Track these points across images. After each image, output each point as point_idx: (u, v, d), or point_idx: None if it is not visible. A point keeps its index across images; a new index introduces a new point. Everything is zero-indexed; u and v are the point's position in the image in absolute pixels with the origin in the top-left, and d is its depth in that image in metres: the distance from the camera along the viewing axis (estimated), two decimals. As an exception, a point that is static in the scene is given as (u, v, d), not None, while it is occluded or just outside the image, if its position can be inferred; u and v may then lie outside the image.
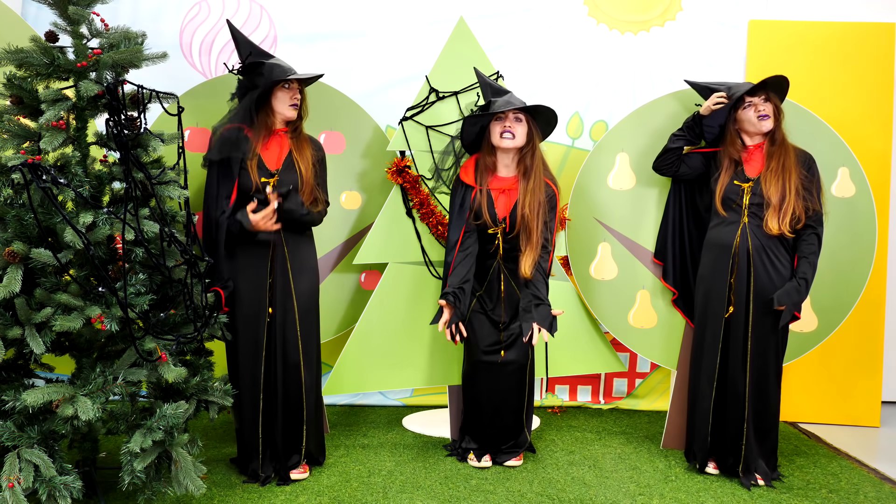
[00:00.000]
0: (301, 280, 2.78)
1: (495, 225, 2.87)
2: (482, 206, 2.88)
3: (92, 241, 2.14)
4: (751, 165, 2.86)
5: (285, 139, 2.78)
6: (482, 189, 2.89)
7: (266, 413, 2.76)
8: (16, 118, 2.24)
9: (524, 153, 2.88)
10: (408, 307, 3.24)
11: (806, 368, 3.66)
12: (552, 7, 3.84)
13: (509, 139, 2.82)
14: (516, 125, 2.83)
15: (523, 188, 2.85)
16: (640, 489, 2.71)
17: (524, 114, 2.85)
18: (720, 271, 2.87)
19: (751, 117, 2.84)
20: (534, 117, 2.89)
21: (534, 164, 2.87)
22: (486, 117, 2.89)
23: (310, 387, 2.79)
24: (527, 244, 2.84)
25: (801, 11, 3.85)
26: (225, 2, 3.81)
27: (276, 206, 2.65)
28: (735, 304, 2.83)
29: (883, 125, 3.68)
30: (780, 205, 2.77)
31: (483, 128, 2.93)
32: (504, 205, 2.88)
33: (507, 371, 2.88)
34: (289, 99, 2.72)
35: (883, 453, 3.27)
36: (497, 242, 2.90)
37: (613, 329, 3.30)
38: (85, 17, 2.26)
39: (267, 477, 2.72)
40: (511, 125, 2.82)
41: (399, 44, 3.82)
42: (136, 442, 2.14)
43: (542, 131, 2.94)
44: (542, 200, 2.84)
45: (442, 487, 2.69)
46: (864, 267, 3.20)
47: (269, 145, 2.76)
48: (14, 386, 2.16)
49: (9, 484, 1.95)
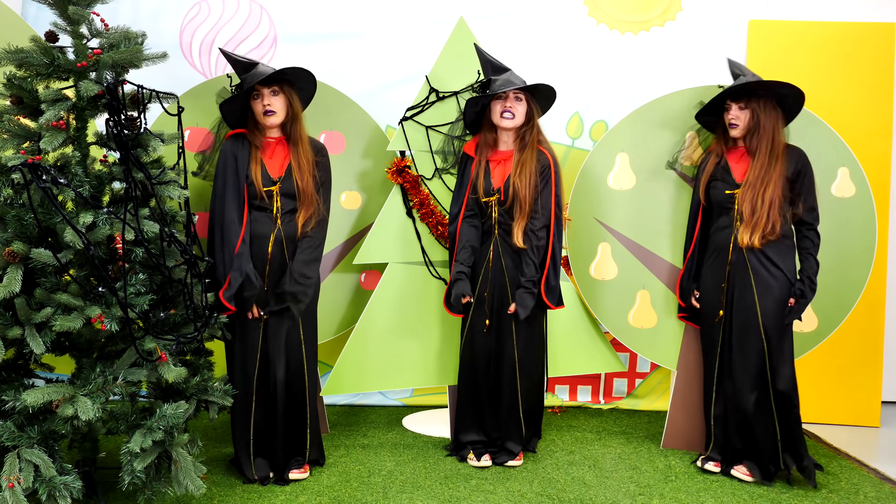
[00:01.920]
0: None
1: (489, 196, 2.90)
2: (479, 177, 2.93)
3: (92, 241, 2.14)
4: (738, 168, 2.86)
5: (287, 146, 2.77)
6: (480, 161, 2.96)
7: (262, 415, 2.76)
8: (16, 118, 2.24)
9: (524, 131, 2.93)
10: (408, 307, 3.23)
11: (806, 368, 3.65)
12: (552, 7, 3.84)
13: (509, 119, 2.87)
14: (516, 104, 2.88)
15: (517, 159, 2.90)
16: (640, 489, 2.71)
17: (524, 92, 2.89)
18: (717, 275, 2.90)
19: (725, 122, 2.88)
20: (533, 95, 2.94)
21: (531, 138, 2.92)
22: (486, 96, 2.93)
23: (311, 389, 2.79)
24: (519, 213, 2.87)
25: (801, 11, 3.85)
26: (225, 2, 3.81)
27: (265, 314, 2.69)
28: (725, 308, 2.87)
29: (883, 125, 3.68)
30: (750, 218, 2.76)
31: (484, 106, 2.98)
32: (500, 176, 2.93)
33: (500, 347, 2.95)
34: (260, 107, 2.70)
35: (883, 453, 3.27)
36: (493, 214, 2.92)
37: (613, 329, 3.30)
38: (85, 17, 2.26)
39: (264, 478, 2.71)
40: (511, 105, 2.87)
41: (399, 44, 3.82)
42: (136, 442, 2.14)
43: (541, 107, 3.00)
44: (532, 170, 2.87)
45: (442, 487, 2.69)
46: (864, 267, 3.20)
47: (274, 153, 2.75)
48: (14, 386, 2.16)
49: (9, 484, 1.95)
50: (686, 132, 3.21)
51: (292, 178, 2.71)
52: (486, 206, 2.94)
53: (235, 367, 2.72)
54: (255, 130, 2.75)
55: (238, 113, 2.76)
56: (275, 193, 2.70)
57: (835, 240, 3.17)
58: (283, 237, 2.71)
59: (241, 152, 2.70)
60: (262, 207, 2.71)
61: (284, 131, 2.78)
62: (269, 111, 2.69)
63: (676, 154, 3.17)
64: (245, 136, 2.74)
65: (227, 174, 2.67)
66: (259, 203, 2.70)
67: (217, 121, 2.99)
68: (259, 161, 2.70)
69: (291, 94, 2.76)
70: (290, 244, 2.73)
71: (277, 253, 2.71)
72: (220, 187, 2.68)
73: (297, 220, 2.73)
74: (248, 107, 2.75)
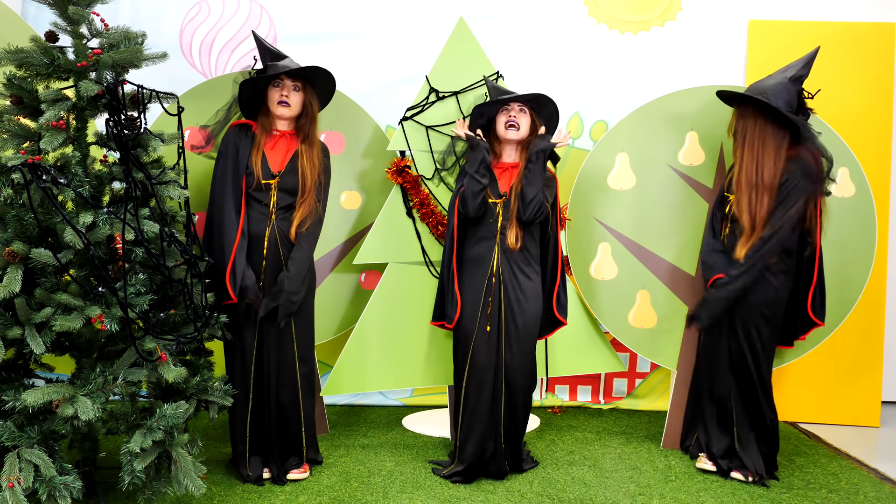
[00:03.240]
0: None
1: (498, 197, 2.85)
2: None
3: (92, 241, 2.14)
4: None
5: (294, 141, 2.77)
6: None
7: (257, 413, 2.76)
8: (16, 118, 2.24)
9: (528, 143, 2.90)
10: (408, 307, 3.23)
11: (806, 368, 3.66)
12: (552, 7, 3.84)
13: (514, 130, 2.86)
14: (521, 116, 2.87)
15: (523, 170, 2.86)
16: (640, 489, 2.71)
17: (528, 107, 2.89)
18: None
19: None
20: (538, 112, 2.93)
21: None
22: (492, 109, 2.93)
23: (306, 389, 2.79)
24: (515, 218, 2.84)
25: (801, 11, 3.85)
26: (225, 2, 3.81)
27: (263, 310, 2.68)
28: None
29: (883, 125, 3.68)
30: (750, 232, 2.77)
31: (490, 119, 2.97)
32: (506, 182, 2.89)
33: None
34: (278, 96, 2.70)
35: (883, 453, 3.27)
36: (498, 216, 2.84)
37: (613, 329, 3.30)
38: (85, 17, 2.26)
39: (258, 477, 2.71)
40: (516, 116, 2.86)
41: (399, 44, 3.82)
42: (136, 442, 2.14)
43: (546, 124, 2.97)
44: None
45: (442, 487, 2.69)
46: (864, 267, 3.20)
47: (277, 146, 2.75)
48: (14, 386, 2.16)
49: (9, 484, 1.95)
50: (686, 132, 3.22)
51: (292, 174, 2.71)
52: (493, 208, 2.86)
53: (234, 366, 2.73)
54: (265, 118, 2.75)
55: (251, 98, 2.76)
56: (273, 187, 2.69)
57: (835, 240, 3.17)
58: (277, 235, 2.70)
59: (244, 142, 2.70)
60: (259, 200, 2.69)
61: (296, 127, 2.78)
62: (285, 102, 2.69)
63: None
64: (250, 127, 2.74)
65: (227, 163, 2.68)
66: (256, 194, 2.69)
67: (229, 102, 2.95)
68: (261, 150, 2.70)
69: (311, 95, 2.78)
70: (284, 242, 2.71)
71: (273, 251, 2.70)
72: (220, 175, 2.68)
73: (293, 217, 2.71)
74: (261, 95, 2.75)
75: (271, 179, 2.69)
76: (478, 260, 2.85)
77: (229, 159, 2.68)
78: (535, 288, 2.82)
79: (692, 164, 3.20)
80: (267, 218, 2.70)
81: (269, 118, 2.75)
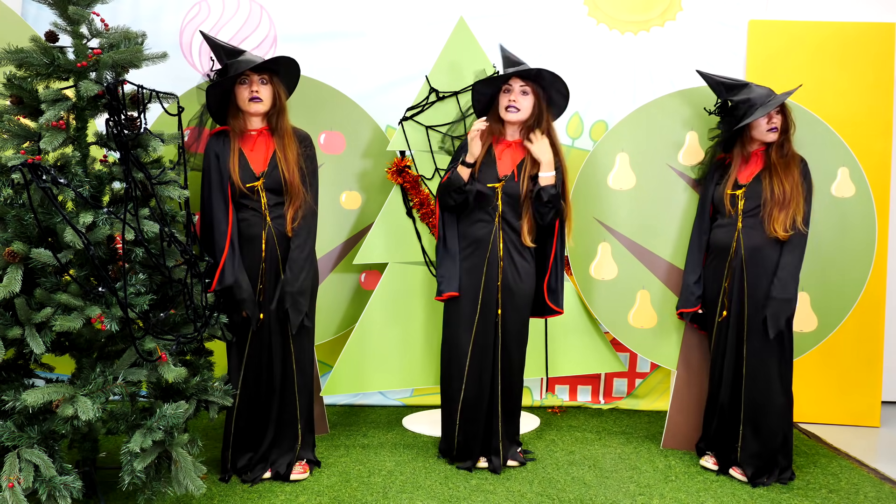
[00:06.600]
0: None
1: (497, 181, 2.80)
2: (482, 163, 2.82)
3: (92, 241, 2.14)
4: (744, 172, 2.89)
5: (270, 138, 2.71)
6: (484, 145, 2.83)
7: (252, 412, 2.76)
8: (16, 118, 2.24)
9: (530, 126, 2.83)
10: (408, 307, 3.23)
11: (806, 368, 3.65)
12: (552, 7, 3.84)
13: (514, 113, 2.80)
14: (522, 98, 2.80)
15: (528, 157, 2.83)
16: (640, 489, 2.71)
17: (532, 88, 2.81)
18: (717, 274, 2.92)
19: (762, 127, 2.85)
20: (545, 90, 2.85)
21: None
22: (495, 87, 2.86)
23: (302, 388, 2.78)
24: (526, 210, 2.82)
25: (801, 11, 3.85)
26: (225, 2, 3.81)
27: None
28: (730, 308, 2.87)
29: (883, 125, 3.68)
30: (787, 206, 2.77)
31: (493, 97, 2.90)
32: (508, 161, 2.84)
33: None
34: (248, 93, 2.64)
35: (883, 453, 3.27)
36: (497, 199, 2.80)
37: (613, 329, 3.30)
38: (85, 17, 2.26)
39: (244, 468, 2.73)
40: (516, 98, 2.80)
41: (399, 44, 3.82)
42: (136, 442, 2.14)
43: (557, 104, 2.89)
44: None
45: (442, 487, 2.69)
46: (863, 267, 3.19)
47: (256, 146, 2.70)
48: (14, 386, 2.16)
49: (9, 484, 1.95)
50: (686, 132, 3.22)
51: (276, 172, 2.66)
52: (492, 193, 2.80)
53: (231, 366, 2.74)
54: (236, 120, 2.69)
55: (219, 101, 2.70)
56: (259, 189, 2.66)
57: (834, 240, 3.17)
58: (274, 235, 2.68)
59: (223, 150, 2.66)
60: (251, 205, 2.67)
61: (268, 123, 2.72)
62: (256, 98, 2.62)
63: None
64: (227, 133, 2.70)
65: (210, 174, 2.65)
66: (246, 201, 2.66)
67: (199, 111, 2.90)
68: (238, 155, 2.65)
69: (279, 87, 2.71)
70: (282, 241, 2.70)
71: (271, 252, 2.69)
72: (206, 187, 2.66)
73: (286, 214, 2.68)
74: (229, 97, 2.69)
75: (255, 182, 2.65)
76: (475, 241, 2.83)
77: (213, 170, 2.64)
78: (530, 269, 2.86)
79: (692, 164, 3.20)
80: (262, 220, 2.67)
81: (240, 119, 2.69)
